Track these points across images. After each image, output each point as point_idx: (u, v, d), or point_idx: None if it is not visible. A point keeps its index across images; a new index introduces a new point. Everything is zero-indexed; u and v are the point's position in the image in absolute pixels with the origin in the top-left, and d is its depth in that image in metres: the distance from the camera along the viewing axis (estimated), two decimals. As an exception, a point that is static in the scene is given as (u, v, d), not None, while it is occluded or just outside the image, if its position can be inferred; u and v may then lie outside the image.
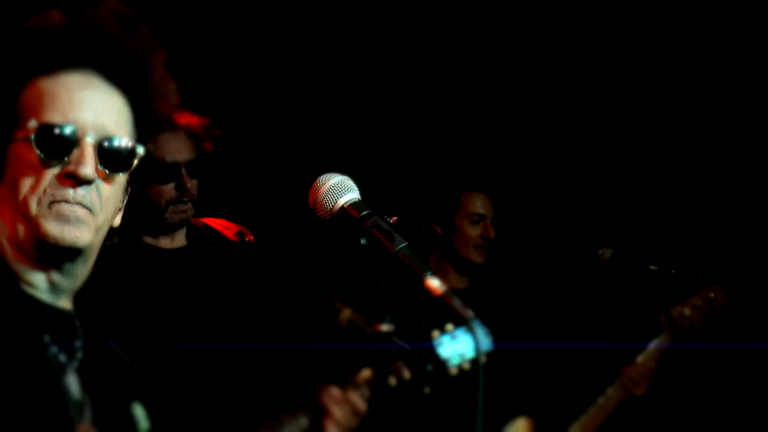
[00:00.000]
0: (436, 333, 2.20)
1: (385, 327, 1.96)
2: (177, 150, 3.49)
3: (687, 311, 4.33)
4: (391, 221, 3.13)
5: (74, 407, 1.90)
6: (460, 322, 1.97)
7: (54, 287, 1.96)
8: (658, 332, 4.36)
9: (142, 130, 2.02)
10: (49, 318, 1.95)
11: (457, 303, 1.94)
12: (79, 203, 1.91)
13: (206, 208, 3.74)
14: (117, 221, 2.02)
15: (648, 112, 5.31)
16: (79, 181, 1.90)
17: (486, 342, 1.99)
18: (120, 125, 1.98)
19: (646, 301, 4.52)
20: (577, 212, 5.35)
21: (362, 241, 2.01)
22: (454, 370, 2.21)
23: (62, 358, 1.92)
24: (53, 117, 1.93)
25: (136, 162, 1.98)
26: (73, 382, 1.92)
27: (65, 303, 1.99)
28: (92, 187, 1.92)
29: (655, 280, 4.29)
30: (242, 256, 3.59)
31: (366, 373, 2.18)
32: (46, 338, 1.91)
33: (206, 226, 3.66)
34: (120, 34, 1.99)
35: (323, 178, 2.06)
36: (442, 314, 1.99)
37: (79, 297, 2.04)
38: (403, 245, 1.98)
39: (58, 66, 1.97)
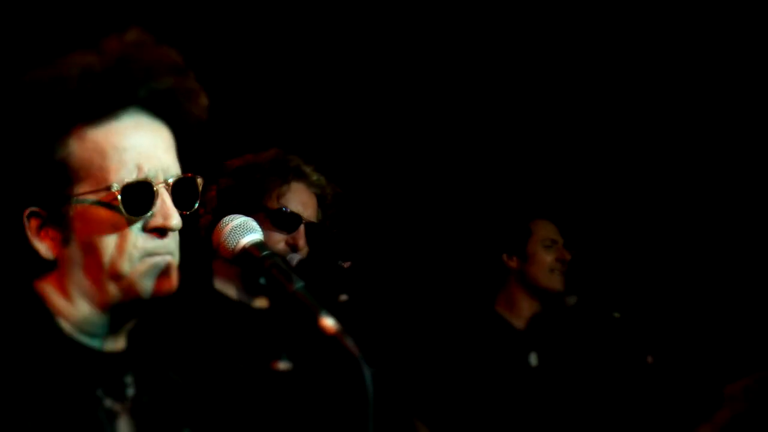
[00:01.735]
0: None
1: (282, 365, 2.02)
2: (305, 205, 3.31)
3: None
4: (345, 266, 3.13)
5: None
6: (352, 361, 2.04)
7: (115, 331, 1.93)
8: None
9: (182, 152, 1.97)
10: (101, 366, 1.89)
11: (349, 342, 2.01)
12: (170, 253, 1.90)
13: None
14: None
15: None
16: (165, 232, 1.89)
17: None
18: (175, 159, 1.94)
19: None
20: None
21: (261, 281, 2.09)
22: None
23: (112, 404, 1.88)
24: (128, 174, 1.86)
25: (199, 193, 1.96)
26: (123, 427, 1.88)
27: (120, 343, 1.96)
28: (175, 234, 1.92)
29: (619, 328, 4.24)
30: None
31: None
32: (99, 392, 1.86)
33: None
34: (156, 66, 1.90)
35: (227, 219, 2.13)
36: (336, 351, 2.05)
37: (133, 333, 2.00)
38: (300, 285, 2.04)
39: (104, 112, 1.87)
